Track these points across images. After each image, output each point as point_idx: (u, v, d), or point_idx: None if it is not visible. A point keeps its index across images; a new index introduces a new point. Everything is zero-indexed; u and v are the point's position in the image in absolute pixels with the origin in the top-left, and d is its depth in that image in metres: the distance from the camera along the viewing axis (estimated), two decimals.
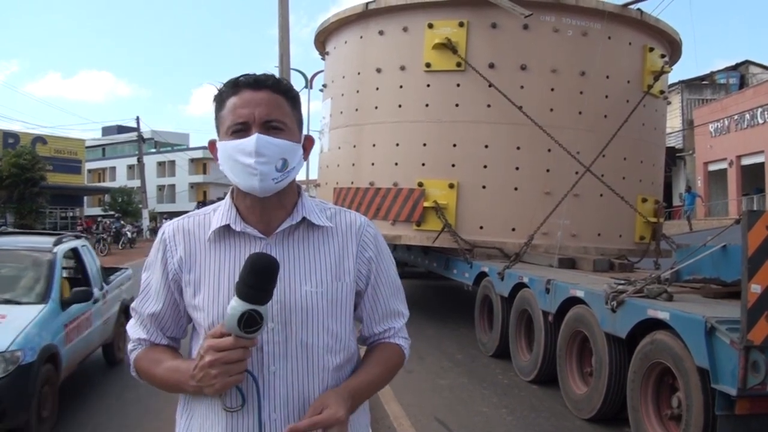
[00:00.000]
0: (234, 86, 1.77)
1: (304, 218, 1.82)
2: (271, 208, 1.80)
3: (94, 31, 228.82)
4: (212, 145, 1.84)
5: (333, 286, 1.82)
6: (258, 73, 1.79)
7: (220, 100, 1.79)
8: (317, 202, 1.93)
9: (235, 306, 1.57)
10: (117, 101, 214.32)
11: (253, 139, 1.69)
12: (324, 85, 13.55)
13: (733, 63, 41.25)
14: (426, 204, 10.23)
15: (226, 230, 1.81)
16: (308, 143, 1.86)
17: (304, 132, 1.88)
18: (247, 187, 1.74)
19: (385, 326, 1.96)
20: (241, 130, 1.72)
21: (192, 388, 1.70)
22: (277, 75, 1.84)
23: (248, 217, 1.81)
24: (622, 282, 6.29)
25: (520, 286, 8.19)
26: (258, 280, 1.58)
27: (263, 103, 1.73)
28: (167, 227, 1.88)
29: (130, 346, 1.93)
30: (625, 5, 10.67)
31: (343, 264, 1.85)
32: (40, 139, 45.20)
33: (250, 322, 1.57)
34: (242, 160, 1.70)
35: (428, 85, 10.54)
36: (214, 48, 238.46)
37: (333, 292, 1.81)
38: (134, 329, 1.92)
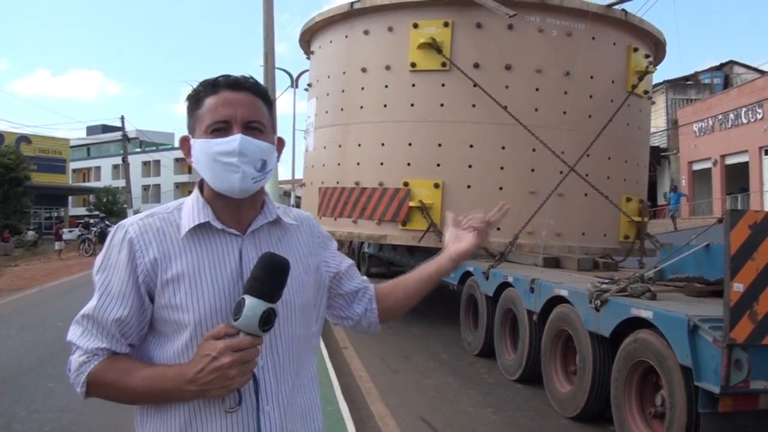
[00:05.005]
0: (213, 86, 1.77)
1: (278, 217, 1.87)
2: (245, 208, 1.82)
3: (84, 30, 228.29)
4: (185, 141, 1.82)
5: (305, 279, 1.88)
6: (238, 74, 1.81)
7: (196, 99, 1.78)
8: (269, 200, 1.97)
9: (254, 306, 1.59)
10: (107, 100, 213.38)
11: (237, 139, 1.70)
12: (309, 85, 13.50)
13: (717, 63, 41.59)
14: (411, 204, 10.21)
15: (201, 228, 1.78)
16: (280, 145, 1.91)
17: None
18: (226, 187, 1.73)
19: (363, 306, 2.09)
20: (222, 128, 1.73)
21: (191, 393, 1.63)
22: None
23: (221, 215, 1.80)
24: (606, 281, 6.31)
25: (504, 285, 8.19)
26: (277, 278, 1.64)
27: (244, 104, 1.75)
28: (129, 227, 1.75)
29: (79, 359, 1.69)
30: (610, 6, 10.71)
31: (310, 258, 1.93)
32: (24, 139, 44.93)
33: (268, 321, 1.61)
34: (223, 159, 1.71)
35: (413, 85, 10.51)
36: (204, 47, 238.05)
37: (307, 286, 1.89)
38: (87, 338, 1.70)
